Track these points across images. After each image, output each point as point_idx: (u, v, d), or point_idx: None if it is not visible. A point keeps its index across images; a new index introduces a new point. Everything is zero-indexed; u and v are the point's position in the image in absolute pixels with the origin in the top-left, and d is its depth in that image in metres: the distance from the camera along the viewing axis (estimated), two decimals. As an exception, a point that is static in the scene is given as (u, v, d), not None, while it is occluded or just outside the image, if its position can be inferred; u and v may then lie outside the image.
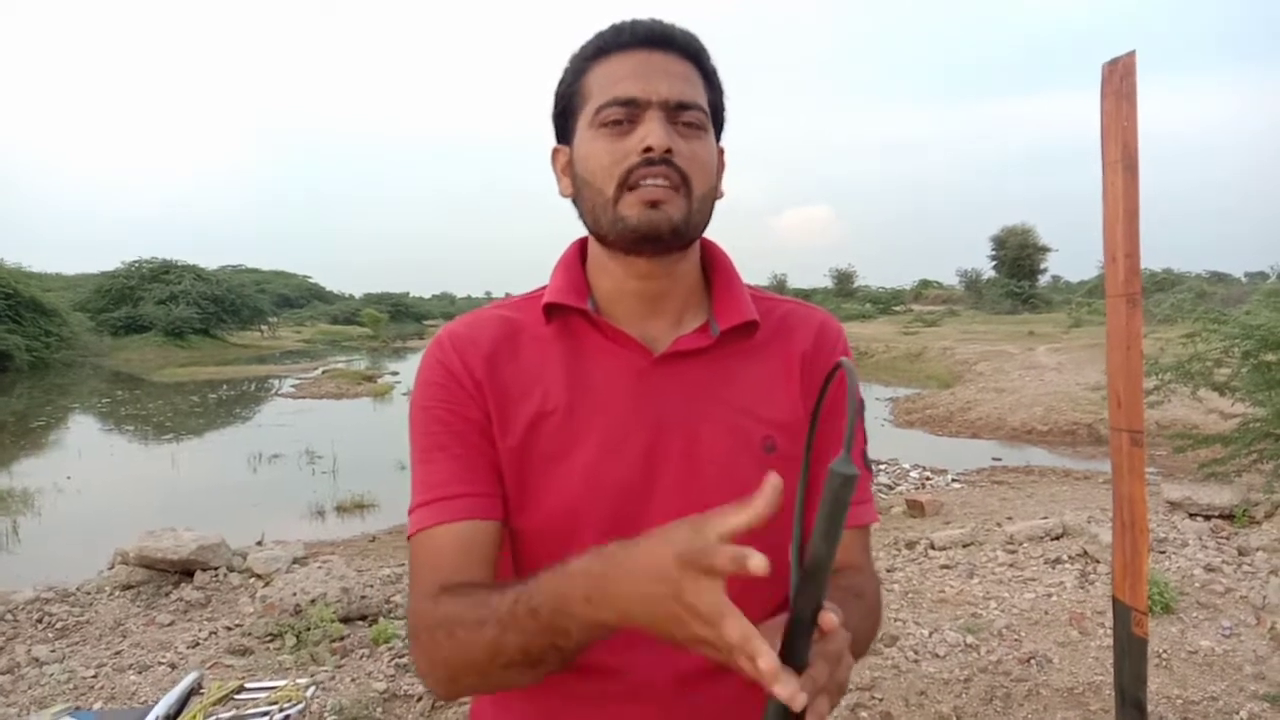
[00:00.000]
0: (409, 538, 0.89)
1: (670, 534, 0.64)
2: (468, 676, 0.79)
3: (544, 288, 0.95)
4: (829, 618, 0.64)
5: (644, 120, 0.86)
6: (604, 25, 0.91)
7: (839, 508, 0.62)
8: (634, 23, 0.89)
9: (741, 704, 0.85)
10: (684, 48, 0.90)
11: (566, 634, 0.71)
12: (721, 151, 0.95)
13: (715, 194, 0.92)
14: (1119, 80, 1.62)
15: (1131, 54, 1.61)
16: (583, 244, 0.98)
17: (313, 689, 1.95)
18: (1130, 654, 1.74)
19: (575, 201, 0.93)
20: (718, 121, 0.94)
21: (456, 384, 0.90)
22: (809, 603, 0.64)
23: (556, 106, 0.94)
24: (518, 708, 0.94)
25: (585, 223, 0.93)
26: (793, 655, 0.63)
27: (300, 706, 1.83)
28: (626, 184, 0.86)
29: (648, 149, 0.84)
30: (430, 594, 0.83)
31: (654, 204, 0.85)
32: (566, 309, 0.92)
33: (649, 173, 0.85)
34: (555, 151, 0.95)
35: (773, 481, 0.61)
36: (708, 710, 0.90)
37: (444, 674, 0.80)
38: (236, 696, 1.82)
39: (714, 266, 0.99)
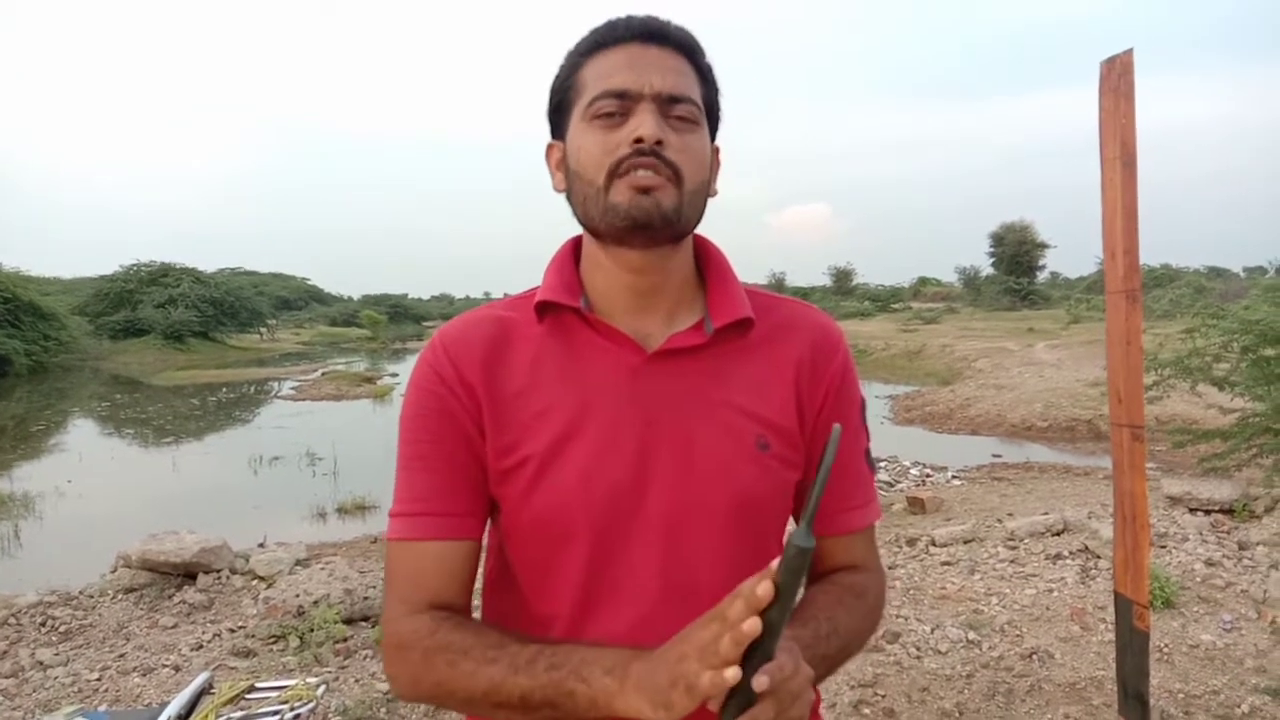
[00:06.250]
0: (389, 539, 0.92)
1: (685, 643, 0.72)
2: (451, 701, 0.85)
3: (537, 287, 0.95)
4: (761, 680, 0.68)
5: (636, 112, 0.86)
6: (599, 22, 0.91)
7: (794, 576, 0.67)
8: (629, 18, 0.89)
9: None
10: (678, 43, 0.89)
11: (572, 696, 0.77)
12: (717, 150, 0.95)
13: (708, 189, 0.92)
14: (1117, 78, 1.63)
15: (1129, 52, 1.62)
16: (576, 242, 0.98)
17: (323, 688, 1.95)
18: (1132, 648, 1.76)
19: (568, 196, 0.92)
20: (713, 119, 0.94)
21: (448, 390, 0.90)
22: (761, 655, 0.69)
23: (551, 102, 0.94)
24: None
25: (577, 216, 0.92)
26: (744, 693, 0.70)
27: (311, 705, 1.84)
28: (616, 174, 0.85)
29: (638, 140, 0.84)
30: (416, 610, 0.88)
31: (645, 190, 0.84)
32: (559, 307, 0.92)
33: (639, 163, 0.84)
34: (550, 147, 0.95)
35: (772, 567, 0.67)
36: (700, 706, 0.92)
37: (427, 692, 0.86)
38: (248, 696, 1.82)
39: (708, 263, 0.98)
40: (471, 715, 0.88)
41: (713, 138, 0.94)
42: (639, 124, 0.84)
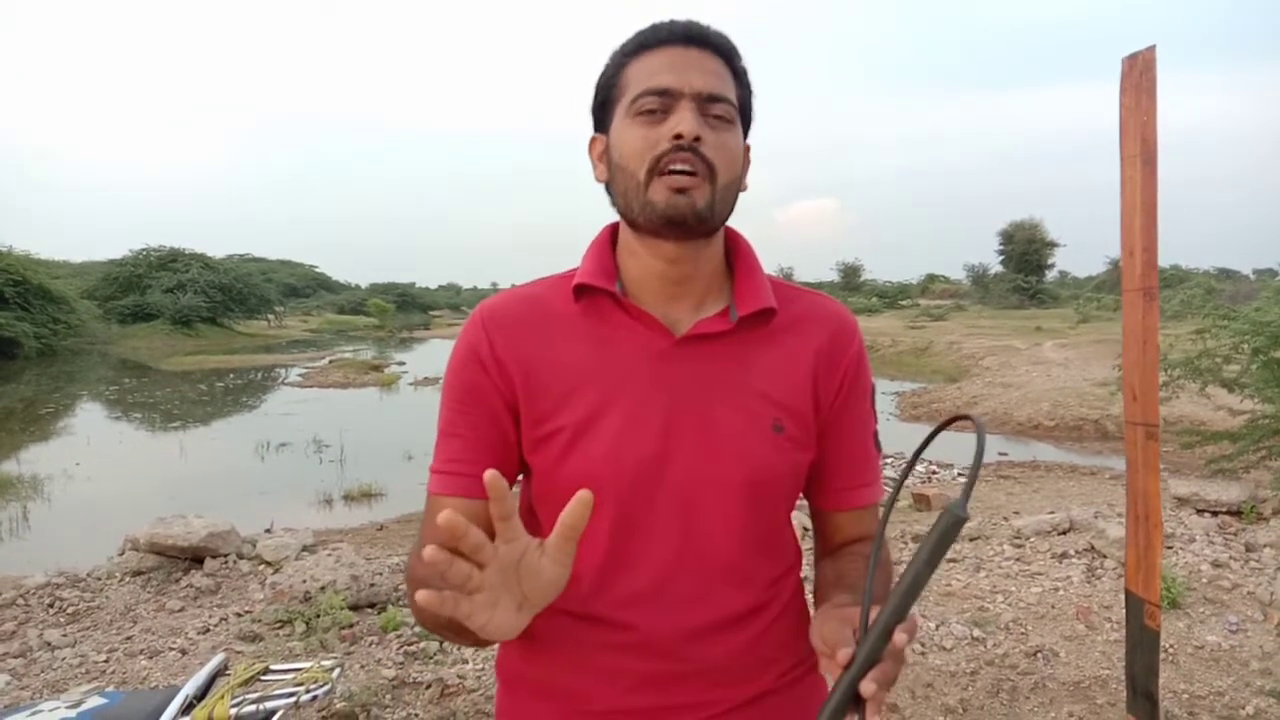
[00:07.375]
0: (428, 493, 1.01)
1: None
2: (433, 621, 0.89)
3: (575, 269, 1.01)
4: (900, 638, 0.72)
5: (677, 109, 0.92)
6: (644, 24, 0.97)
7: (944, 542, 0.71)
8: (672, 22, 0.95)
9: (743, 658, 0.98)
10: (717, 47, 0.96)
11: None
12: (748, 148, 1.01)
13: (739, 185, 0.98)
14: (1139, 74, 1.62)
15: (1152, 48, 1.61)
16: (613, 229, 1.04)
17: (338, 670, 1.97)
18: (1143, 646, 1.75)
19: (609, 186, 0.99)
20: (746, 119, 1.00)
21: (480, 367, 0.98)
22: (896, 614, 0.73)
23: (596, 98, 1.00)
24: (539, 658, 1.01)
25: (617, 207, 0.98)
26: (870, 651, 0.73)
27: (327, 688, 1.85)
28: (657, 169, 0.91)
29: (678, 135, 0.90)
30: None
31: (680, 190, 0.91)
32: (595, 290, 0.98)
33: (678, 158, 0.90)
34: (593, 140, 1.01)
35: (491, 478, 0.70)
36: (712, 662, 0.98)
37: (427, 617, 0.89)
38: (262, 678, 1.84)
39: (737, 254, 1.04)
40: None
41: (745, 136, 1.00)
42: (679, 121, 0.91)
